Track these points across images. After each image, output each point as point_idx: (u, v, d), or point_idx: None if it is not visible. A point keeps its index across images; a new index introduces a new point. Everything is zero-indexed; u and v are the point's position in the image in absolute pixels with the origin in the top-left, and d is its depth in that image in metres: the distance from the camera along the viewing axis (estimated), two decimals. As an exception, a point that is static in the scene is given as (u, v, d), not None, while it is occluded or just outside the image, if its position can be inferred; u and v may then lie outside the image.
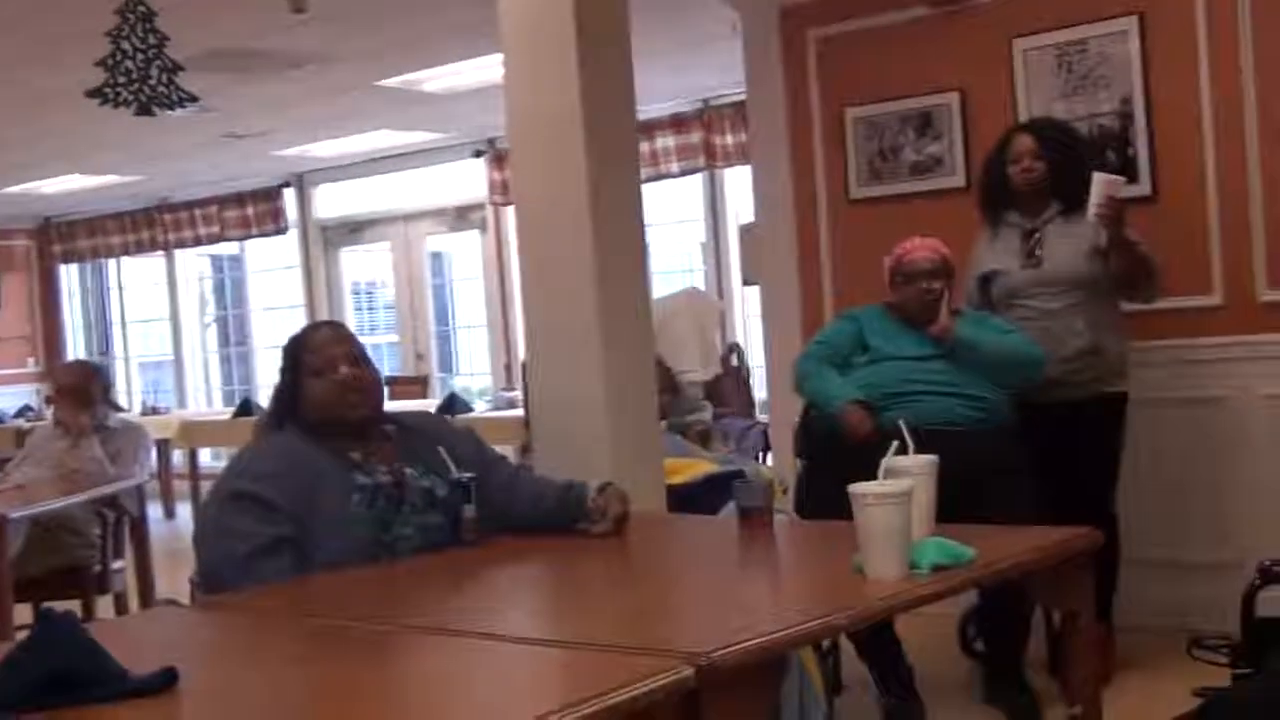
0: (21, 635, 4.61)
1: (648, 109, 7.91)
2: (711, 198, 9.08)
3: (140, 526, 5.32)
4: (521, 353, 8.88)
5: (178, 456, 10.33)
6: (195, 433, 9.72)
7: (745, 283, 7.93)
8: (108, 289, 12.85)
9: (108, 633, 2.11)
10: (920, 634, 4.01)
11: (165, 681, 1.84)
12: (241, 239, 11.38)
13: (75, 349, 12.59)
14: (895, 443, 2.53)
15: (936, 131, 5.15)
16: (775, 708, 2.57)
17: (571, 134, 3.69)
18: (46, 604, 4.78)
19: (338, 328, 3.19)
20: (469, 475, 2.92)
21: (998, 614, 4.07)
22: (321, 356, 2.97)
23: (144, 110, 4.18)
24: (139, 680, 1.83)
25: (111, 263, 12.65)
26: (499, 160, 9.50)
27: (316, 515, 2.77)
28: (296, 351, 3.01)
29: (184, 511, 9.21)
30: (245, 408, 9.51)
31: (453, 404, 8.27)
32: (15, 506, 4.55)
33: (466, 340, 10.82)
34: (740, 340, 8.30)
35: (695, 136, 8.69)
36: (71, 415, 5.35)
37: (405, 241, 10.78)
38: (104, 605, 5.16)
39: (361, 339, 3.18)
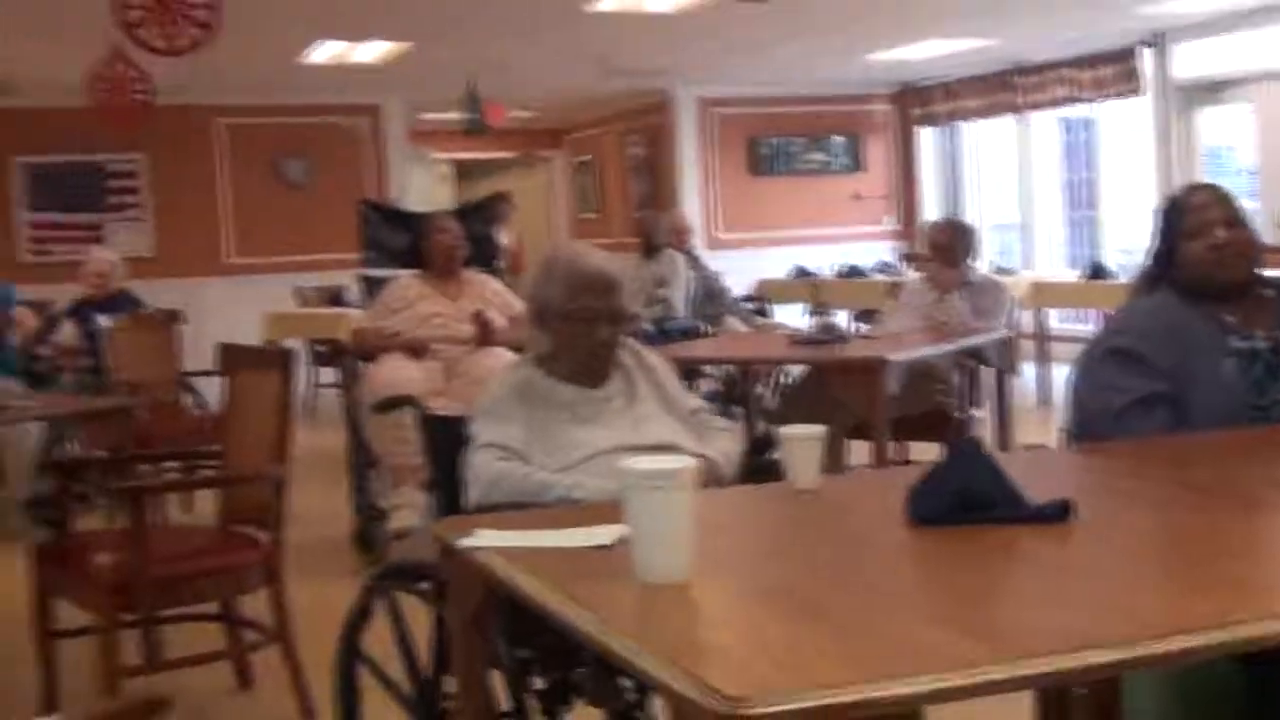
0: (892, 469, 5.10)
1: None
2: None
3: (1002, 378, 5.62)
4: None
5: (1025, 316, 10.56)
6: (1045, 294, 9.85)
7: None
8: (961, 151, 13.31)
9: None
10: None
11: (1061, 512, 2.02)
12: (1094, 100, 11.29)
13: (930, 209, 13.17)
14: None
15: None
16: None
17: None
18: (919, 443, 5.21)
19: (1216, 190, 3.13)
20: (1362, 345, 2.81)
21: None
22: (1199, 219, 2.97)
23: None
24: (1038, 508, 2.03)
25: (965, 125, 13.08)
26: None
27: (1190, 376, 2.82)
28: (1173, 213, 3.04)
29: (1029, 371, 9.43)
30: (1097, 271, 9.54)
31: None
32: (891, 351, 5.00)
33: (1333, 208, 10.02)
34: None
35: None
36: (940, 271, 5.73)
37: (1270, 102, 10.14)
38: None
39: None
